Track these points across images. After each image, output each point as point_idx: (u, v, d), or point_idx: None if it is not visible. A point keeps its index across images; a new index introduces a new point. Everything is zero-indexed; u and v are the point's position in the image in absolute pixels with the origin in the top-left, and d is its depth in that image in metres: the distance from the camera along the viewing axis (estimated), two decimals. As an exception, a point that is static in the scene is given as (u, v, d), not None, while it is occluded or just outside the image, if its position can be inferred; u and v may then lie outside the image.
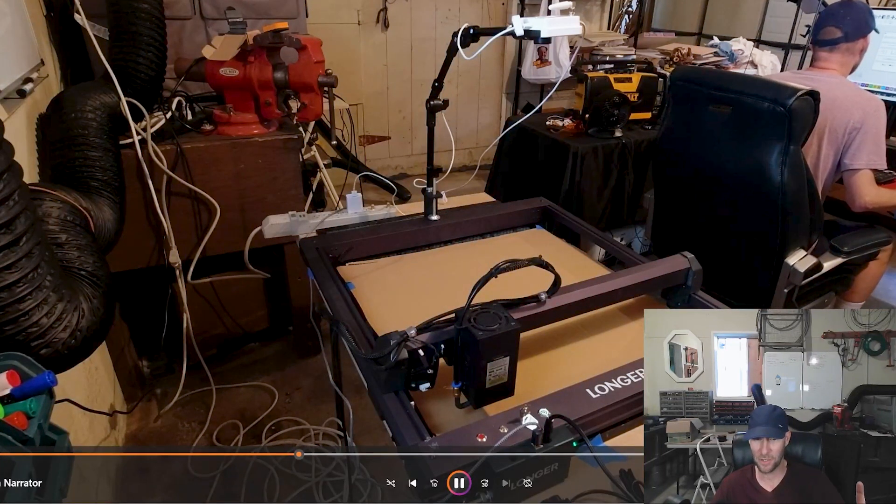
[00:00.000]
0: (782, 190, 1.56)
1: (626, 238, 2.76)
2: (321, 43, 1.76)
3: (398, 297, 1.19)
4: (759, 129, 1.57)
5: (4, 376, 0.72)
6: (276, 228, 1.42)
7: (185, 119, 1.83)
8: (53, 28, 1.80)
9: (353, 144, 3.18)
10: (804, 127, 1.53)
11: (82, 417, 1.43)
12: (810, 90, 1.48)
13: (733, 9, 4.38)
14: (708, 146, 1.75)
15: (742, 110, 1.61)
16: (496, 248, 1.43)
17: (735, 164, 1.66)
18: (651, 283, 1.11)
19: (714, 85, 1.69)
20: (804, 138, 1.57)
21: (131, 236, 1.68)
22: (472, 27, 1.11)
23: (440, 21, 3.88)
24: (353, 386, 1.70)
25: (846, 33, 1.75)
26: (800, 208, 1.63)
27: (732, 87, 1.63)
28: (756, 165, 1.59)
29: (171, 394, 1.97)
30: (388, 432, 0.81)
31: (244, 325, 2.21)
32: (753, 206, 1.67)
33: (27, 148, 1.39)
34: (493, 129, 4.44)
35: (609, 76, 2.51)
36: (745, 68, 3.07)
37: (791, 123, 1.49)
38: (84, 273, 1.08)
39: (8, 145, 0.84)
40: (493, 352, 0.80)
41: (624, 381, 0.87)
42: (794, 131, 1.50)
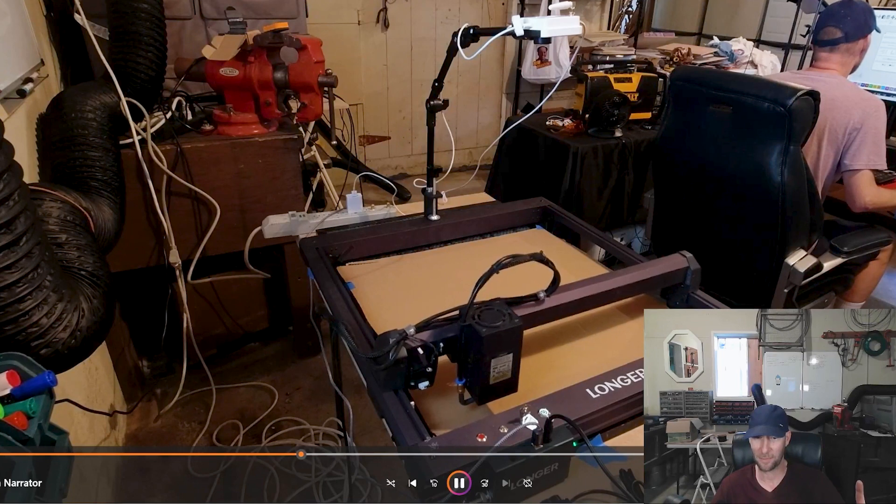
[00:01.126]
0: (782, 190, 1.56)
1: (626, 238, 2.76)
2: (321, 43, 1.76)
3: (398, 297, 1.19)
4: (759, 129, 1.57)
5: (4, 376, 0.72)
6: (276, 228, 1.42)
7: (185, 119, 1.83)
8: (53, 28, 1.80)
9: (353, 144, 3.18)
10: (804, 127, 1.52)
11: (82, 417, 1.43)
12: (810, 90, 1.48)
13: (733, 9, 4.38)
14: (708, 146, 1.74)
15: (742, 110, 1.61)
16: (496, 248, 1.43)
17: (735, 164, 1.66)
18: (650, 282, 1.11)
19: (714, 85, 1.69)
20: (804, 138, 1.57)
21: (131, 236, 1.68)
22: (472, 27, 1.11)
23: (440, 21, 3.88)
24: (353, 386, 1.70)
25: (846, 33, 1.75)
26: (800, 208, 1.62)
27: (732, 88, 1.63)
28: (756, 165, 1.59)
29: (171, 394, 1.97)
30: (388, 432, 0.81)
31: (244, 325, 2.21)
32: (753, 206, 1.66)
33: (27, 148, 1.39)
34: (493, 129, 4.44)
35: (609, 76, 2.51)
36: (745, 68, 3.07)
37: (791, 123, 1.49)
38: (84, 273, 1.08)
39: (8, 145, 0.84)
40: (497, 348, 0.80)
41: (624, 381, 0.87)
42: (794, 131, 1.50)
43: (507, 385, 0.84)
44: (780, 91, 1.49)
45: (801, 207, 1.63)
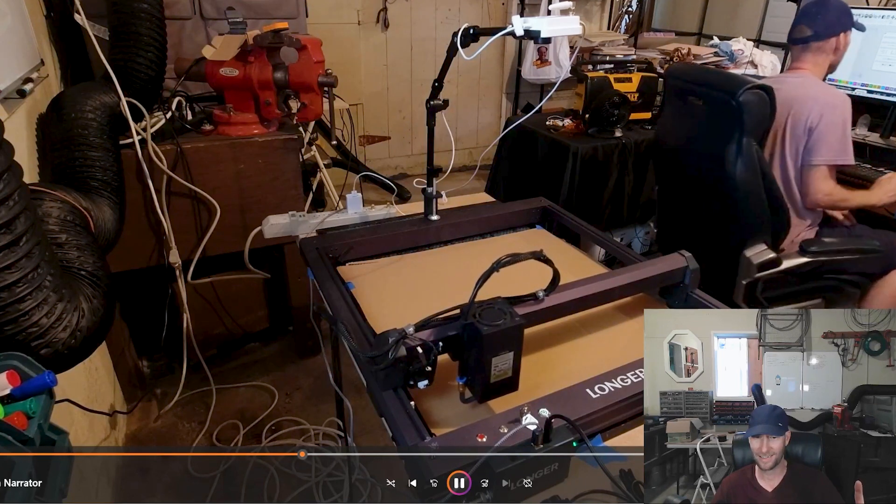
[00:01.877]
0: (736, 182, 1.60)
1: (626, 238, 2.76)
2: (321, 43, 1.76)
3: (398, 297, 1.19)
4: (719, 122, 1.61)
5: (4, 376, 0.72)
6: (276, 228, 1.42)
7: (185, 119, 1.83)
8: (53, 28, 1.80)
9: (353, 144, 3.18)
10: (758, 121, 1.55)
11: (82, 417, 1.43)
12: (761, 84, 1.50)
13: (733, 9, 4.38)
14: (689, 140, 1.79)
15: (709, 103, 1.65)
16: (496, 248, 1.43)
17: (708, 158, 1.70)
18: (649, 281, 1.11)
19: (690, 79, 1.74)
20: (763, 135, 1.59)
21: (131, 236, 1.68)
22: (472, 27, 1.11)
23: (440, 21, 3.88)
24: (353, 386, 1.70)
25: (816, 32, 1.74)
26: (754, 201, 1.63)
27: (700, 81, 1.68)
28: (717, 157, 1.63)
29: (171, 394, 1.97)
30: (388, 431, 0.81)
31: (244, 325, 2.21)
32: (716, 197, 1.71)
33: (27, 148, 1.39)
34: (493, 129, 4.44)
35: (609, 76, 2.51)
36: (745, 68, 3.07)
37: (742, 116, 1.52)
38: (84, 273, 1.08)
39: (8, 145, 0.84)
40: (497, 347, 0.80)
41: (624, 381, 0.87)
42: (746, 124, 1.53)
43: (508, 383, 0.85)
44: (732, 84, 1.53)
45: (756, 200, 1.63)
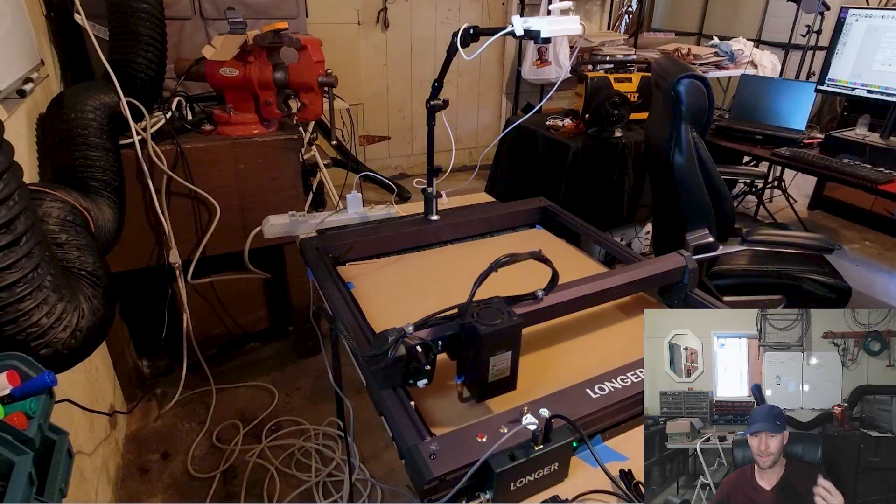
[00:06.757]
0: (673, 167, 1.66)
1: (626, 238, 2.76)
2: (321, 43, 1.76)
3: (398, 297, 1.19)
4: (667, 110, 1.67)
5: (4, 376, 0.72)
6: (276, 228, 1.43)
7: (185, 119, 1.83)
8: (53, 28, 1.80)
9: (353, 144, 3.18)
10: (696, 110, 1.60)
11: (82, 417, 1.43)
12: (699, 75, 1.57)
13: (733, 9, 4.38)
14: (655, 130, 1.83)
15: (663, 93, 1.70)
16: (496, 248, 1.43)
17: (659, 146, 1.75)
18: (647, 280, 1.11)
19: (658, 70, 1.79)
20: (704, 123, 1.65)
21: (131, 236, 1.68)
22: (472, 27, 1.11)
23: (440, 21, 3.88)
24: (354, 386, 1.70)
25: None
26: (692, 187, 1.69)
27: (661, 72, 1.74)
28: (666, 144, 1.69)
29: (171, 394, 1.97)
30: (388, 430, 0.81)
31: (244, 325, 2.21)
32: (668, 185, 1.75)
33: (27, 148, 1.39)
34: (493, 129, 4.44)
35: (609, 76, 2.51)
36: (745, 68, 3.07)
37: (680, 104, 1.59)
38: (84, 273, 1.08)
39: (8, 145, 0.84)
40: (495, 346, 0.80)
41: (624, 381, 0.87)
42: (683, 112, 1.61)
43: (506, 383, 0.85)
44: (673, 72, 1.60)
45: (695, 186, 1.69)
